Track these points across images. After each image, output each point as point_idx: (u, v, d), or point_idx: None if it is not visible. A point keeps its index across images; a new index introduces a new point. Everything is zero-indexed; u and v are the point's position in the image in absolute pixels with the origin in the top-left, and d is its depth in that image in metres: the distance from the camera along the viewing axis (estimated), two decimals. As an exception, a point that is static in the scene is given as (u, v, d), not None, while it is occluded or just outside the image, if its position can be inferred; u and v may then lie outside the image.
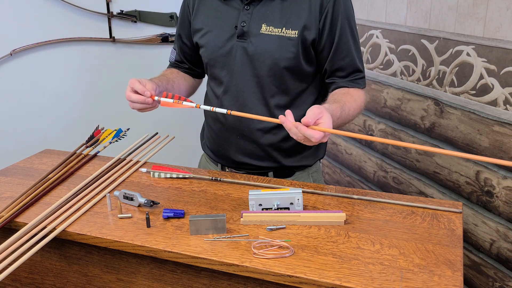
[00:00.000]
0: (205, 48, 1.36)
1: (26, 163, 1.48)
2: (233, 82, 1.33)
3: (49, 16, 2.31)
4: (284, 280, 0.92)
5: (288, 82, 1.31)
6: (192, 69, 1.53)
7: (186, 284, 1.06)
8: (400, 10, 1.81)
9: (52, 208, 1.17)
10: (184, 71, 1.53)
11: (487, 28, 1.42)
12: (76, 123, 2.48)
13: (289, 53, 1.27)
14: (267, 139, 1.36)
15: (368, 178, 2.15)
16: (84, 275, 1.16)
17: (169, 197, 1.24)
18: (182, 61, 1.52)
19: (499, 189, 1.44)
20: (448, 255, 0.96)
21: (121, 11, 2.40)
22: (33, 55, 2.35)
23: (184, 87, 1.47)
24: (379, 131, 2.01)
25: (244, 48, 1.29)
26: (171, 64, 1.56)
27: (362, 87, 1.35)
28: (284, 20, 1.26)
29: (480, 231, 1.53)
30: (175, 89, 1.41)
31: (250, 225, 1.09)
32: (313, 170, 1.47)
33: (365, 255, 0.97)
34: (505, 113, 1.39)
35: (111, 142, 1.53)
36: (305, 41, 1.27)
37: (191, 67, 1.52)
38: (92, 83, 2.47)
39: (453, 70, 1.57)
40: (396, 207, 1.16)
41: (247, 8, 1.29)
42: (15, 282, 1.25)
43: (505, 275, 1.46)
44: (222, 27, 1.32)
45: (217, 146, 1.44)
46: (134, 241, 1.04)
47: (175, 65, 1.54)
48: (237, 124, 1.36)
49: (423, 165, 1.77)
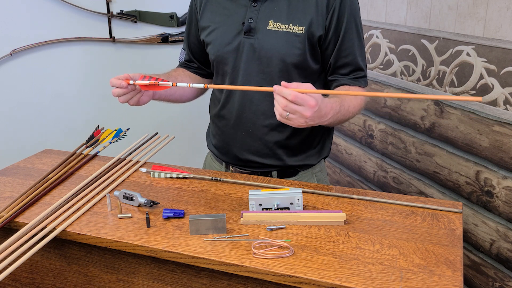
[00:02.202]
0: (212, 45, 1.36)
1: (26, 163, 1.48)
2: (240, 78, 1.33)
3: (49, 16, 2.31)
4: (284, 280, 0.92)
5: (294, 79, 1.31)
6: (201, 68, 1.52)
7: (186, 284, 1.06)
8: (400, 10, 1.81)
9: (52, 208, 1.17)
10: (193, 71, 1.53)
11: (487, 28, 1.42)
12: (76, 123, 2.48)
13: (296, 49, 1.27)
14: (272, 136, 1.36)
15: (368, 178, 2.15)
16: (84, 275, 1.16)
17: (169, 197, 1.24)
18: (191, 60, 1.53)
19: (499, 189, 1.44)
20: (448, 255, 0.96)
21: (121, 11, 2.40)
22: (33, 55, 2.35)
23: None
24: (379, 131, 2.01)
25: (251, 44, 1.29)
26: (181, 64, 1.56)
27: (363, 86, 1.36)
28: (291, 16, 1.27)
29: (480, 231, 1.53)
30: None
31: (250, 225, 1.09)
32: (317, 170, 1.47)
33: (365, 255, 0.97)
34: (505, 113, 1.39)
35: (111, 142, 1.53)
36: (312, 37, 1.27)
37: (200, 66, 1.52)
38: (92, 83, 2.47)
39: (453, 70, 1.57)
40: (396, 207, 1.16)
41: (254, 5, 1.30)
42: (15, 282, 1.25)
43: (505, 275, 1.46)
44: (229, 24, 1.33)
45: (222, 143, 1.44)
46: (134, 241, 1.04)
47: (185, 65, 1.54)
48: (243, 121, 1.36)
49: (423, 165, 1.77)
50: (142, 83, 1.22)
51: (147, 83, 1.22)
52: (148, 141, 1.56)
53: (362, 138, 2.15)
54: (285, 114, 1.05)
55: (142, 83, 1.22)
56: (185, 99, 1.50)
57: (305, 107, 1.03)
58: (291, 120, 1.06)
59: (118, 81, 1.21)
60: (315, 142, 1.42)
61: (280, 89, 1.04)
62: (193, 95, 1.52)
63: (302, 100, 1.02)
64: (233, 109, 1.37)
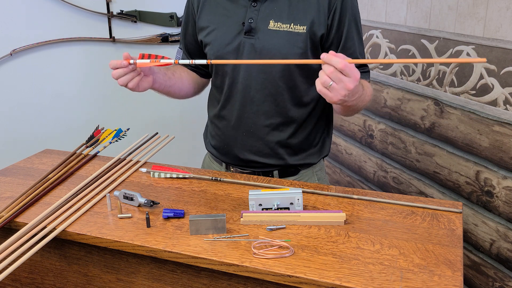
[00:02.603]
0: (211, 45, 1.36)
1: (26, 163, 1.48)
2: (240, 79, 1.33)
3: (49, 16, 2.31)
4: (284, 280, 0.92)
5: (296, 79, 1.31)
6: (198, 67, 1.52)
7: (186, 284, 1.06)
8: (400, 10, 1.81)
9: (52, 208, 1.17)
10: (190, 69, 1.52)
11: (487, 28, 1.42)
12: (76, 123, 2.48)
13: (298, 48, 1.27)
14: (274, 136, 1.36)
15: (368, 178, 2.15)
16: (84, 275, 1.16)
17: (169, 197, 1.24)
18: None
19: (499, 189, 1.44)
20: (448, 255, 0.96)
21: (121, 11, 2.40)
22: (33, 55, 2.35)
23: (186, 79, 1.46)
24: (379, 131, 2.01)
25: (252, 44, 1.29)
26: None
27: (368, 79, 1.37)
28: (292, 16, 1.27)
29: (480, 231, 1.53)
30: (176, 77, 1.40)
31: (250, 225, 1.09)
32: (318, 168, 1.47)
33: (365, 255, 0.97)
34: (505, 113, 1.39)
35: (111, 142, 1.53)
36: (314, 36, 1.27)
37: (197, 65, 1.51)
38: (92, 83, 2.47)
39: (453, 70, 1.57)
40: (396, 207, 1.16)
41: (254, 5, 1.30)
42: (15, 282, 1.25)
43: (505, 275, 1.46)
44: (229, 24, 1.32)
45: (223, 144, 1.44)
46: (134, 241, 1.04)
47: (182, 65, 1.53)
48: (244, 121, 1.36)
49: (423, 165, 1.77)
50: (143, 63, 1.20)
51: (148, 61, 1.20)
52: (148, 141, 1.56)
53: (362, 138, 2.15)
54: (328, 82, 1.02)
55: (144, 62, 1.20)
56: (183, 93, 1.47)
57: (350, 79, 1.01)
58: (332, 91, 1.02)
59: (119, 61, 1.20)
60: (315, 141, 1.42)
61: (330, 56, 1.01)
62: (191, 90, 1.50)
63: (350, 71, 1.00)
64: (234, 110, 1.37)
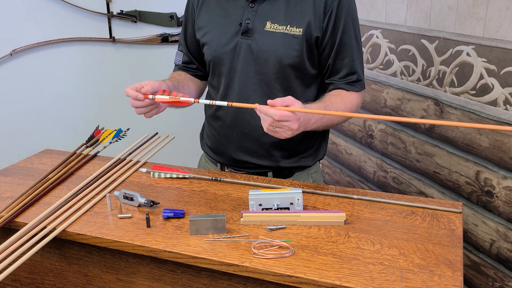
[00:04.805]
0: (209, 45, 1.36)
1: (26, 163, 1.48)
2: (236, 79, 1.33)
3: (49, 16, 2.31)
4: (284, 280, 0.92)
5: (291, 80, 1.31)
6: (200, 69, 1.51)
7: (186, 284, 1.06)
8: (400, 10, 1.81)
9: (52, 208, 1.17)
10: (192, 73, 1.51)
11: (487, 28, 1.42)
12: (76, 123, 2.48)
13: (294, 51, 1.27)
14: (269, 137, 1.36)
15: (368, 178, 2.15)
16: (84, 275, 1.16)
17: (169, 197, 1.24)
18: (190, 61, 1.50)
19: (499, 189, 1.44)
20: (448, 255, 0.96)
21: (121, 11, 2.40)
22: (33, 55, 2.35)
23: (193, 89, 1.46)
24: (379, 131, 2.01)
25: (249, 45, 1.29)
26: (178, 67, 1.53)
27: (359, 89, 1.35)
28: (289, 18, 1.27)
29: (480, 231, 1.53)
30: (186, 91, 1.40)
31: (250, 225, 1.09)
32: (313, 171, 1.47)
33: (365, 255, 0.97)
34: (505, 113, 1.39)
35: (111, 142, 1.53)
36: (310, 39, 1.27)
37: (199, 67, 1.50)
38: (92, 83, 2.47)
39: (453, 70, 1.57)
40: (396, 207, 1.16)
41: (252, 5, 1.30)
42: (15, 282, 1.25)
43: (505, 275, 1.46)
44: (227, 24, 1.32)
45: (218, 144, 1.44)
46: (134, 241, 1.04)
47: (183, 68, 1.52)
48: (239, 122, 1.36)
49: (423, 165, 1.77)
50: (162, 99, 1.17)
51: (167, 98, 1.17)
52: (148, 141, 1.56)
53: (362, 138, 2.15)
54: (272, 128, 1.11)
55: (163, 98, 1.17)
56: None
57: (291, 122, 1.08)
58: (278, 133, 1.11)
59: (135, 93, 1.18)
60: (310, 144, 1.42)
61: (265, 109, 1.08)
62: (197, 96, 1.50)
63: (288, 117, 1.08)
64: (229, 110, 1.36)
